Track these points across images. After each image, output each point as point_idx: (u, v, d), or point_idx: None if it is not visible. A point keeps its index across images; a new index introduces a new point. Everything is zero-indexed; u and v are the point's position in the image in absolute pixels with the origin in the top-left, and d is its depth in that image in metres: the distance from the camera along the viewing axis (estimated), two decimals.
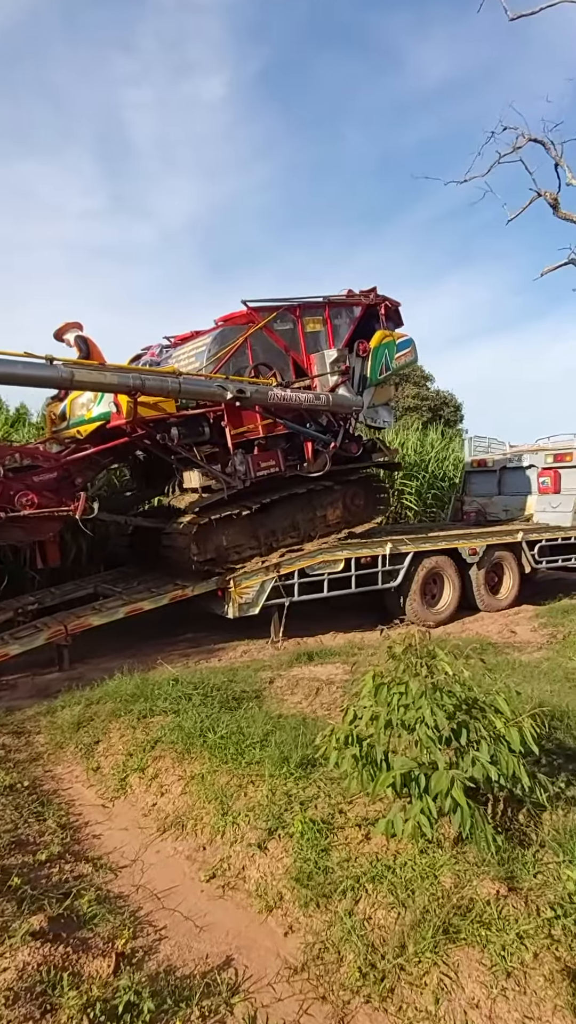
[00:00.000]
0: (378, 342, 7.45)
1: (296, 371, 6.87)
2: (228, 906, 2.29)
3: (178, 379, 5.56)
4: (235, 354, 6.34)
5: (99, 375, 5.19)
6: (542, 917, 1.94)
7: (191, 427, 6.20)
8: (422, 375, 26.59)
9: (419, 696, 2.38)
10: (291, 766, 2.94)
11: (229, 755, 3.11)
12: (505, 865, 2.21)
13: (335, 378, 6.86)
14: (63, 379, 5.01)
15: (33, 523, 5.48)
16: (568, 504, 9.35)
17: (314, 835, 2.43)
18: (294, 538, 7.00)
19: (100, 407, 5.91)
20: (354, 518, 7.54)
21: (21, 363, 4.79)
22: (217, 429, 6.35)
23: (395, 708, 2.52)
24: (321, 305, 7.01)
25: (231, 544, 6.51)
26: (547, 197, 9.57)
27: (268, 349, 6.66)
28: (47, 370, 4.91)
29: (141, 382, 5.29)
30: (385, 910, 2.05)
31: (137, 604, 5.88)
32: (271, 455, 6.55)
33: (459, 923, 1.92)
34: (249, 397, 5.91)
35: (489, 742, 2.44)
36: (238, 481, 6.23)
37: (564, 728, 3.55)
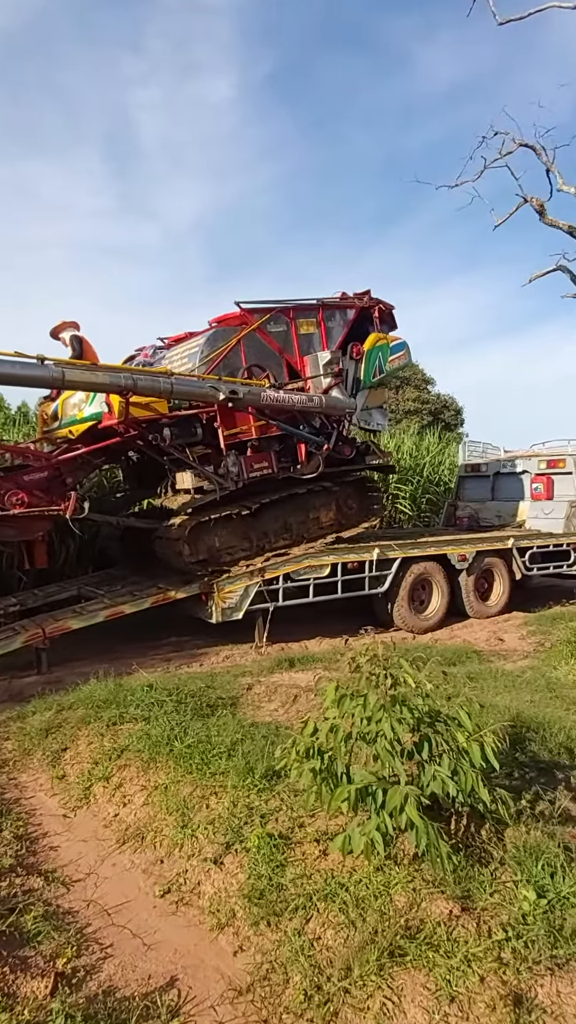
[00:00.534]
0: (372, 345, 7.43)
1: (289, 373, 6.86)
2: (180, 923, 2.24)
3: (170, 379, 5.56)
4: (228, 355, 6.30)
5: (90, 375, 5.19)
6: (493, 939, 1.89)
7: (183, 428, 6.20)
8: (423, 378, 26.54)
9: (377, 709, 2.33)
10: (255, 777, 2.89)
11: (194, 765, 3.05)
12: (461, 884, 2.15)
13: (328, 380, 6.84)
14: (54, 379, 4.99)
15: (23, 522, 5.48)
16: (561, 511, 9.29)
17: (270, 850, 2.38)
18: (287, 540, 6.97)
19: (92, 407, 5.91)
20: (347, 521, 7.49)
21: (11, 362, 4.77)
22: (210, 430, 6.34)
23: (358, 720, 2.47)
24: (315, 307, 6.99)
25: (223, 545, 6.49)
26: (533, 203, 9.55)
27: (261, 350, 6.63)
28: (38, 369, 4.89)
29: (133, 382, 5.29)
30: (335, 930, 2.00)
31: (118, 608, 5.83)
32: (264, 456, 6.53)
33: (407, 945, 1.87)
34: (241, 398, 5.90)
35: (451, 756, 2.40)
36: (230, 482, 6.20)
37: (539, 740, 3.50)
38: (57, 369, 4.95)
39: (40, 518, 5.56)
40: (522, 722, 3.73)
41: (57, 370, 4.95)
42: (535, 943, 1.86)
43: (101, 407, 5.76)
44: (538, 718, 3.80)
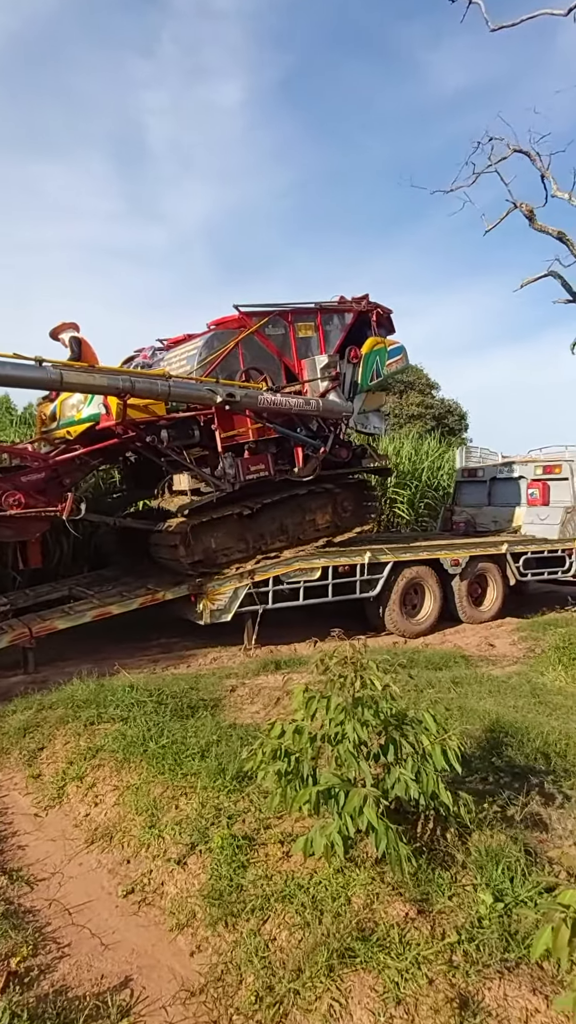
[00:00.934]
0: (369, 348, 7.46)
1: (287, 376, 6.90)
2: (140, 923, 2.24)
3: (167, 382, 5.60)
4: (226, 358, 6.33)
5: (88, 377, 5.24)
6: (446, 941, 1.88)
7: (181, 430, 6.24)
8: (427, 383, 26.55)
9: (339, 711, 2.33)
10: (226, 779, 2.89)
11: (167, 766, 3.06)
12: (421, 886, 2.15)
13: (325, 384, 6.88)
14: (52, 380, 5.03)
15: (20, 523, 5.52)
16: (556, 516, 9.26)
17: (233, 851, 2.38)
18: (283, 542, 6.99)
19: (90, 408, 5.95)
20: (344, 523, 7.50)
21: (10, 364, 4.81)
22: (207, 432, 6.37)
23: (325, 722, 2.47)
24: (313, 311, 7.03)
25: (220, 546, 6.52)
26: (523, 209, 9.56)
27: (259, 354, 6.66)
28: (36, 371, 4.93)
29: (131, 384, 5.33)
30: (290, 931, 1.99)
31: (105, 608, 5.85)
32: (261, 459, 6.56)
33: (358, 947, 1.86)
34: (239, 401, 5.95)
35: (416, 759, 2.39)
36: (227, 484, 6.24)
37: (516, 745, 3.48)
38: (55, 371, 4.99)
39: (37, 519, 5.59)
40: (501, 727, 3.71)
41: (55, 372, 4.99)
42: (487, 946, 1.85)
43: (99, 408, 5.80)
44: (517, 723, 3.78)
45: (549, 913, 1.47)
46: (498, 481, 10.28)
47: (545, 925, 1.47)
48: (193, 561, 6.19)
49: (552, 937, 1.44)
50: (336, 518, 7.48)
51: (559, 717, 4.05)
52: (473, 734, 3.68)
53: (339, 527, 7.44)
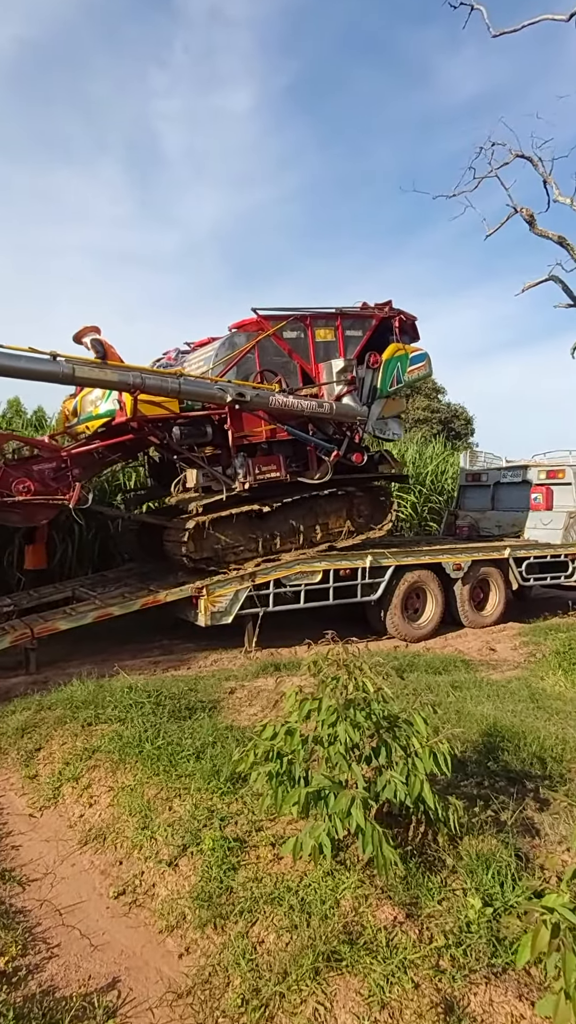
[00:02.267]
0: (390, 355, 7.48)
1: (304, 379, 6.97)
2: (130, 924, 2.25)
3: (178, 380, 5.74)
4: (243, 359, 6.44)
5: (100, 372, 5.40)
6: (433, 945, 1.87)
7: (194, 428, 6.33)
8: (433, 387, 26.62)
9: (331, 712, 2.33)
10: (220, 780, 2.90)
11: (161, 767, 3.07)
12: (411, 890, 2.14)
13: (341, 387, 6.92)
14: (65, 374, 5.19)
15: (28, 509, 5.70)
16: (559, 521, 9.20)
17: (224, 853, 2.38)
18: (295, 543, 7.01)
19: (107, 404, 6.11)
20: (358, 528, 7.50)
21: (25, 357, 5.01)
22: (220, 432, 6.44)
23: (318, 724, 2.48)
24: (333, 316, 7.09)
25: (229, 545, 6.56)
26: (523, 213, 9.56)
27: (276, 356, 6.73)
28: (50, 365, 5.10)
29: (141, 380, 5.48)
30: (277, 934, 1.99)
31: (107, 609, 5.87)
32: (273, 460, 6.61)
33: (345, 950, 1.86)
34: (249, 401, 6.04)
35: (406, 762, 2.39)
36: (238, 483, 6.33)
37: (512, 750, 3.46)
38: (68, 366, 5.16)
39: (44, 506, 5.76)
40: (498, 731, 3.70)
41: (68, 366, 5.16)
42: (474, 951, 1.85)
43: (115, 404, 5.96)
44: (514, 728, 3.76)
45: (530, 915, 1.46)
46: (502, 486, 10.25)
47: (529, 931, 1.47)
48: (202, 558, 6.26)
49: (532, 940, 1.43)
50: (350, 522, 7.48)
51: (557, 722, 4.02)
52: (470, 738, 3.66)
53: (352, 531, 7.42)
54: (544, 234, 9.52)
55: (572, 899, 1.55)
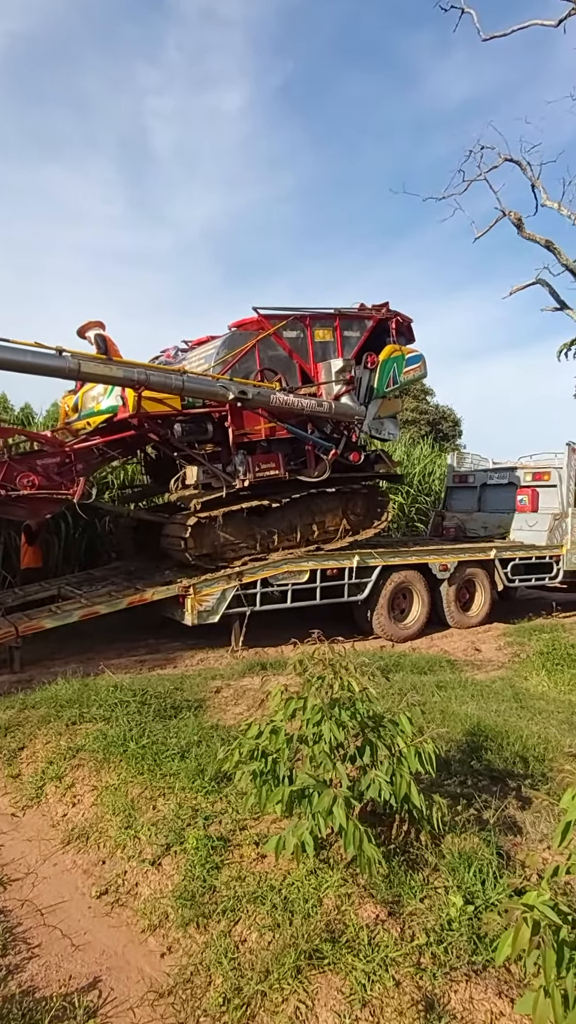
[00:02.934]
0: (387, 355, 7.57)
1: (303, 378, 7.04)
2: (112, 924, 2.24)
3: (182, 377, 5.76)
4: (243, 358, 6.50)
5: (105, 368, 5.41)
6: (414, 944, 1.89)
7: (195, 425, 6.39)
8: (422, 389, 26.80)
9: (315, 711, 2.34)
10: (205, 779, 2.89)
11: (146, 766, 3.05)
12: (393, 888, 2.16)
13: (339, 387, 7.00)
14: (71, 369, 5.23)
15: (33, 504, 5.76)
16: (544, 523, 9.32)
17: (207, 852, 2.38)
18: (291, 541, 7.07)
19: (109, 400, 6.14)
20: (353, 527, 7.56)
21: (31, 352, 5.06)
22: (221, 429, 6.51)
23: (304, 723, 2.48)
24: (331, 316, 7.18)
25: (228, 541, 6.60)
26: (512, 217, 9.66)
27: (276, 355, 6.80)
28: (55, 360, 5.14)
29: (145, 377, 5.54)
30: (260, 932, 1.99)
31: (93, 608, 5.83)
32: (272, 458, 6.68)
33: (326, 948, 1.87)
34: (250, 399, 6.11)
35: (391, 762, 2.40)
36: (237, 480, 6.39)
37: (496, 749, 3.50)
38: (74, 361, 5.20)
39: (49, 500, 5.83)
40: (481, 731, 3.74)
41: (74, 361, 5.20)
42: (455, 949, 1.87)
43: (117, 401, 6.00)
44: (498, 727, 3.80)
45: (510, 913, 1.48)
46: (488, 487, 10.35)
47: (510, 928, 1.49)
48: (201, 554, 6.30)
49: (512, 938, 1.45)
50: (346, 521, 7.54)
51: (539, 722, 4.08)
52: (454, 738, 3.70)
53: (348, 531, 7.49)
54: (532, 238, 9.63)
55: (553, 897, 1.57)
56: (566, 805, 1.60)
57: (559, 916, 1.55)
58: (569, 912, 1.56)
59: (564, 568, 9.12)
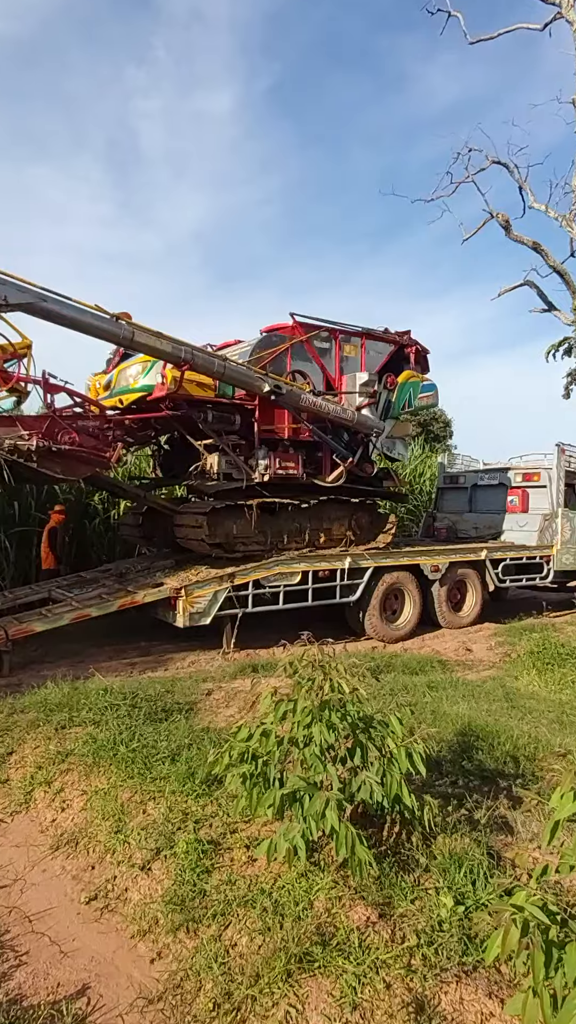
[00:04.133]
0: (405, 379, 7.96)
1: (327, 387, 7.36)
2: (101, 929, 2.21)
3: (224, 363, 5.98)
4: (275, 358, 6.77)
5: (156, 340, 5.61)
6: (405, 945, 1.89)
7: (224, 415, 6.63)
8: None
9: (305, 714, 2.33)
10: (195, 782, 2.88)
11: (136, 770, 3.03)
12: (384, 890, 2.15)
13: (362, 399, 7.36)
14: (125, 337, 5.48)
15: (69, 462, 5.97)
16: (535, 523, 9.39)
17: (198, 856, 2.36)
18: (299, 544, 7.19)
19: (146, 379, 6.33)
20: (356, 538, 7.68)
21: (92, 314, 5.32)
22: (247, 424, 6.75)
23: (294, 726, 2.47)
24: (359, 334, 7.61)
25: (240, 534, 6.71)
26: (499, 219, 9.74)
27: (305, 360, 7.15)
28: (112, 325, 5.38)
29: (192, 356, 5.75)
30: (250, 936, 1.98)
31: (84, 611, 5.79)
32: (292, 458, 6.90)
33: (317, 951, 1.86)
34: (283, 394, 6.38)
35: (382, 763, 2.40)
36: (257, 475, 6.59)
37: (487, 749, 3.52)
38: (128, 329, 5.46)
39: (84, 461, 6.03)
40: (472, 731, 3.75)
41: (128, 329, 5.45)
42: (445, 950, 1.87)
43: (155, 379, 6.20)
44: (489, 727, 3.82)
45: (500, 914, 1.48)
46: (479, 488, 10.41)
47: (499, 928, 1.49)
48: (214, 543, 6.43)
49: (502, 939, 1.45)
50: (351, 530, 7.66)
51: (530, 721, 4.10)
52: (445, 738, 3.71)
53: (351, 541, 7.60)
54: (519, 239, 9.72)
55: (542, 896, 1.58)
56: (555, 804, 1.61)
57: (548, 916, 1.55)
58: (558, 912, 1.56)
59: (555, 568, 9.20)
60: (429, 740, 2.49)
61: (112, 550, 9.33)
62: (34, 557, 8.52)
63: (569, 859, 1.62)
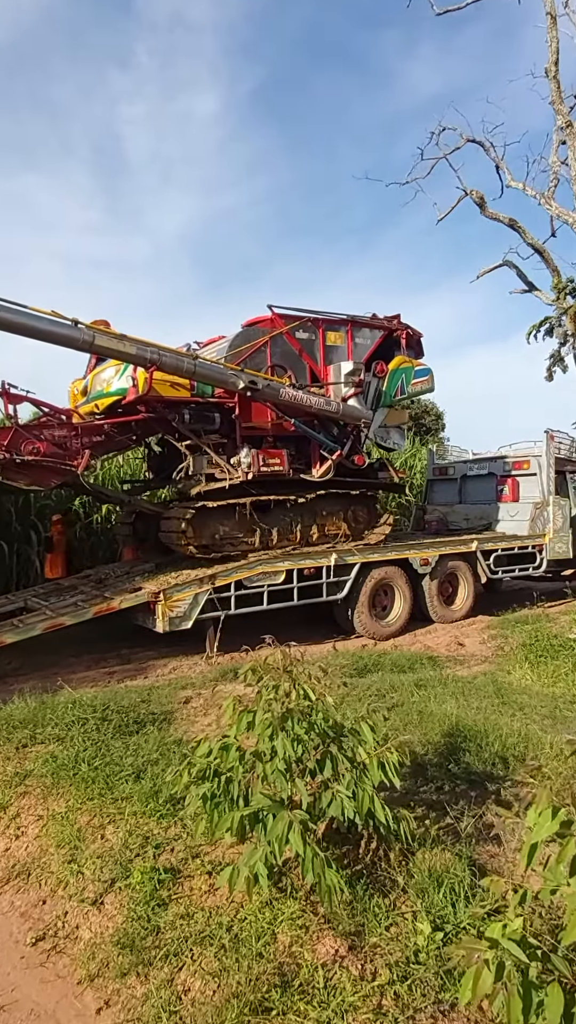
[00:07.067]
0: (396, 365, 7.66)
1: (312, 379, 7.10)
2: (46, 976, 2.00)
3: (194, 361, 5.72)
4: (254, 353, 6.52)
5: (119, 343, 5.38)
6: (376, 983, 1.68)
7: (203, 414, 6.42)
8: None
9: (265, 726, 2.12)
10: (159, 802, 2.67)
11: (96, 790, 2.82)
12: (356, 917, 1.95)
13: (348, 389, 7.08)
14: (84, 341, 5.21)
15: (36, 472, 5.81)
16: (526, 512, 9.21)
17: (154, 887, 2.15)
18: (291, 541, 6.98)
19: (119, 382, 6.14)
20: (353, 533, 7.48)
21: (47, 320, 5.04)
22: (228, 422, 6.54)
23: (258, 738, 2.27)
24: (344, 322, 7.27)
25: (228, 535, 6.55)
26: (473, 196, 9.54)
27: (287, 354, 6.83)
28: (70, 330, 5.14)
29: (158, 356, 5.51)
30: (204, 980, 1.77)
31: (58, 620, 5.56)
32: (278, 454, 6.67)
33: (275, 996, 1.65)
34: (260, 389, 6.13)
35: (353, 775, 2.20)
36: (241, 473, 6.38)
37: (475, 750, 3.32)
38: (88, 332, 5.19)
39: (53, 471, 5.86)
40: (460, 731, 3.56)
41: (88, 333, 5.19)
42: (420, 985, 1.66)
43: (127, 382, 6.00)
44: (477, 726, 3.62)
45: (469, 954, 1.28)
46: (469, 479, 10.22)
47: (470, 969, 1.29)
48: (199, 545, 6.27)
49: (472, 982, 1.25)
50: (347, 525, 7.46)
51: (521, 718, 3.91)
52: (431, 740, 3.51)
53: (348, 536, 7.40)
54: (495, 216, 9.52)
55: (522, 927, 1.37)
56: (531, 823, 1.40)
57: (528, 951, 1.35)
58: (539, 945, 1.37)
59: (547, 557, 9.02)
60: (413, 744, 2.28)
61: (95, 556, 9.12)
62: (15, 566, 8.35)
63: (551, 883, 1.42)
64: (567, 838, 1.33)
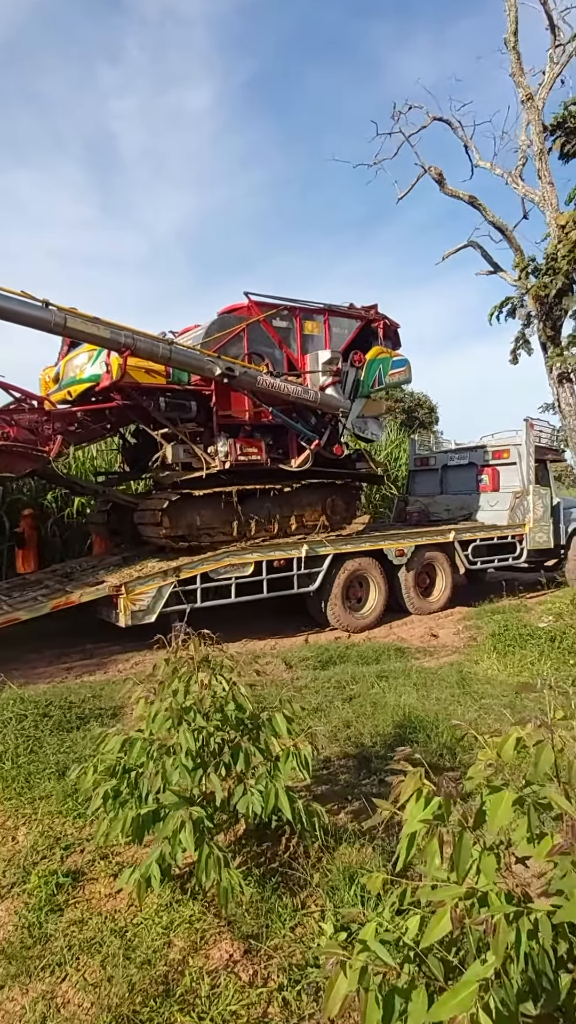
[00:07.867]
0: (374, 356, 7.59)
1: (289, 368, 6.99)
2: None
3: (169, 346, 5.58)
4: (231, 341, 6.40)
5: (92, 326, 5.19)
6: (266, 988, 1.56)
7: (179, 402, 6.28)
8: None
9: (165, 720, 1.99)
10: (77, 800, 2.53)
11: (15, 789, 2.68)
12: (261, 918, 1.82)
13: (326, 378, 6.99)
14: (56, 323, 5.04)
15: (6, 458, 5.64)
16: (505, 502, 9.09)
17: (51, 892, 2.01)
18: (269, 532, 6.88)
19: (92, 368, 5.96)
20: (332, 523, 7.38)
21: (18, 300, 4.86)
22: (205, 410, 6.40)
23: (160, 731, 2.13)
24: (321, 311, 7.20)
25: (204, 525, 6.44)
26: (432, 172, 9.37)
27: (263, 341, 6.73)
28: (42, 312, 4.96)
29: (132, 341, 5.35)
30: (85, 992, 1.64)
31: (13, 615, 5.40)
32: (255, 443, 6.58)
33: (152, 1007, 1.52)
34: (237, 376, 6.01)
35: (267, 768, 2.07)
36: (218, 462, 6.27)
37: (423, 741, 3.20)
38: (60, 315, 5.01)
39: (24, 456, 5.68)
40: (411, 722, 3.44)
41: (60, 315, 5.00)
42: (312, 991, 1.53)
43: (101, 368, 5.82)
44: (430, 717, 3.50)
45: (325, 962, 1.15)
46: (449, 469, 10.10)
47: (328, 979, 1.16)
48: (175, 535, 6.16)
49: (328, 992, 1.12)
50: (325, 516, 7.35)
51: (477, 708, 3.79)
52: (382, 731, 3.39)
53: (326, 527, 7.29)
54: (455, 194, 9.33)
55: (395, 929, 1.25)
56: (409, 815, 1.28)
57: (402, 954, 1.23)
58: (412, 946, 1.24)
59: (527, 547, 8.91)
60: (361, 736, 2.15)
61: (68, 550, 8.96)
62: None
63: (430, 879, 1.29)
64: (431, 829, 1.20)
